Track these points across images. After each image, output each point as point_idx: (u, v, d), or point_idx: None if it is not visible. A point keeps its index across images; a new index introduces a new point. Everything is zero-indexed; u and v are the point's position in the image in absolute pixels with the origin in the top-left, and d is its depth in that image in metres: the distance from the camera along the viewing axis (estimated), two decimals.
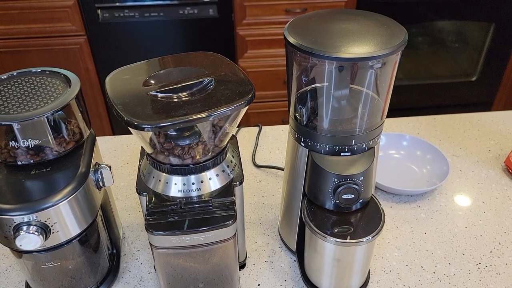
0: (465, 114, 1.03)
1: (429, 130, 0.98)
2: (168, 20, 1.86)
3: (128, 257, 0.68)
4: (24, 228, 0.49)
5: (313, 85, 0.55)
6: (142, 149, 0.62)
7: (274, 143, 0.94)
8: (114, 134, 1.83)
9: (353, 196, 0.55)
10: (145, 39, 1.90)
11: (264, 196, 0.81)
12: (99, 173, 0.57)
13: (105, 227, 0.63)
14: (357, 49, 0.47)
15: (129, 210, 0.77)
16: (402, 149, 0.90)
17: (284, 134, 0.96)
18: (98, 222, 0.60)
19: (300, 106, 0.57)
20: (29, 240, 0.49)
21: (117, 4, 1.77)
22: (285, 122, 2.12)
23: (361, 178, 0.54)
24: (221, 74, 0.54)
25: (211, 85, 0.51)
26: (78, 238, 0.55)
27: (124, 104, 0.48)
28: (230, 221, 0.51)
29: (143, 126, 0.45)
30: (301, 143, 0.57)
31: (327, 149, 0.55)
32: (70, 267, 0.58)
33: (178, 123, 0.45)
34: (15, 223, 0.49)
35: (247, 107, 0.50)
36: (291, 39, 0.50)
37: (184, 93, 0.50)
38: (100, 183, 0.58)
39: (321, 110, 0.55)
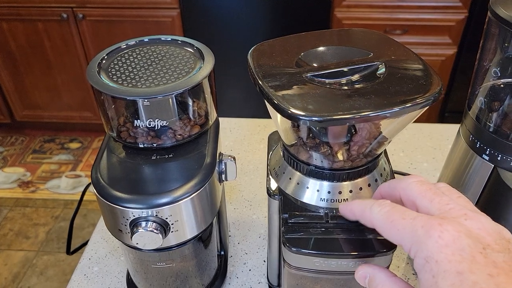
0: None
1: None
2: None
3: (235, 260, 0.60)
4: (143, 224, 0.42)
5: None
6: (270, 138, 0.53)
7: (398, 143, 0.80)
8: None
9: None
10: (236, 17, 1.82)
11: None
12: (223, 164, 0.49)
13: (218, 225, 0.55)
14: None
15: (234, 204, 0.69)
16: None
17: (409, 133, 0.82)
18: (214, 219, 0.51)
19: (490, 104, 0.44)
20: (148, 239, 0.41)
21: None
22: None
23: None
24: (391, 59, 0.42)
25: (382, 71, 0.40)
26: (196, 238, 0.47)
27: (277, 88, 0.38)
28: (391, 250, 0.40)
29: (306, 118, 0.34)
30: (484, 155, 0.44)
31: None
32: (178, 268, 0.51)
33: (350, 118, 0.34)
34: (134, 217, 0.42)
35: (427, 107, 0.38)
36: (503, 13, 0.37)
37: (353, 79, 0.39)
38: (223, 176, 0.49)
39: None
